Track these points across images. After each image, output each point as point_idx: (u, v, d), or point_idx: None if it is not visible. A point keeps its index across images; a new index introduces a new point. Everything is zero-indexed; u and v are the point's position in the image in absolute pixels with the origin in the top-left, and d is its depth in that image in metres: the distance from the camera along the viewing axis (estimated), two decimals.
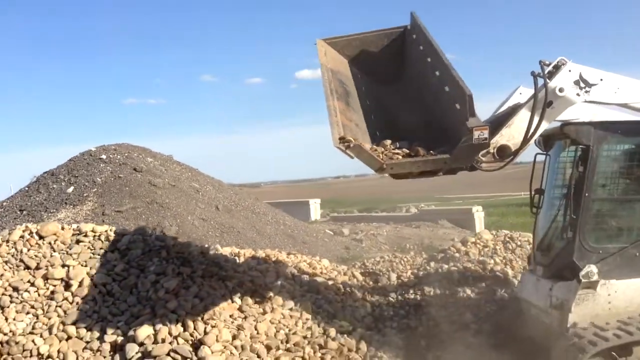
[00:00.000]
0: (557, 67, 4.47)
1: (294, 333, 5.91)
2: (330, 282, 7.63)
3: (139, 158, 13.37)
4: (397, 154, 4.04)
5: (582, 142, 4.77)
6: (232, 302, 6.15)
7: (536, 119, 4.30)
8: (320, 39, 5.49)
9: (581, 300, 4.67)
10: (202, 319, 5.55)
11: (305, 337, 5.89)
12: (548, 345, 4.90)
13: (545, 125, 4.42)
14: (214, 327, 5.43)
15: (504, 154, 4.35)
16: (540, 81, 4.34)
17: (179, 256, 6.72)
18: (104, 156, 13.00)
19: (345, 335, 6.07)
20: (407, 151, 4.07)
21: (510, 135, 4.37)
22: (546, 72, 4.40)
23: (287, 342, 5.73)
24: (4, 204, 12.50)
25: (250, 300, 6.24)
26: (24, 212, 11.53)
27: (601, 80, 4.50)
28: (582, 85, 4.44)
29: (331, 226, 19.39)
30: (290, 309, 6.37)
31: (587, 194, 4.76)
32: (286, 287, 6.99)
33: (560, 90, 4.37)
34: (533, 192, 5.64)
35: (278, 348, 5.58)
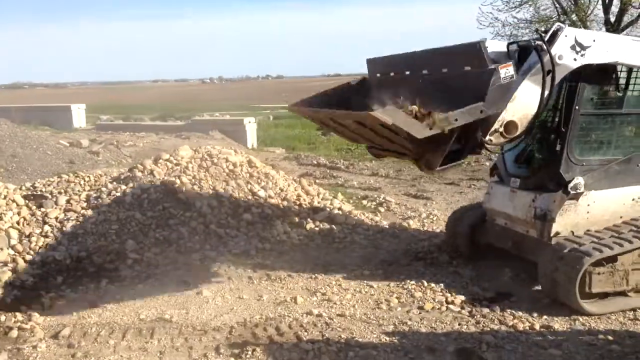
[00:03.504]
0: (554, 34, 4.34)
1: None
2: None
3: None
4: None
5: None
6: None
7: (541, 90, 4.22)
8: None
9: (564, 211, 4.87)
10: None
11: None
12: (521, 253, 5.24)
13: (546, 94, 4.28)
14: None
15: (510, 130, 4.18)
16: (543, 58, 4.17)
17: None
18: None
19: None
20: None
21: (515, 110, 4.17)
22: (545, 40, 4.28)
23: None
24: None
25: None
26: None
27: (594, 41, 4.51)
28: (577, 49, 4.44)
29: (89, 136, 17.14)
30: None
31: (577, 107, 4.81)
32: None
33: (560, 57, 4.32)
34: None
35: None
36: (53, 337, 4.27)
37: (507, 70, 3.93)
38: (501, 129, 4.13)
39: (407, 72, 4.81)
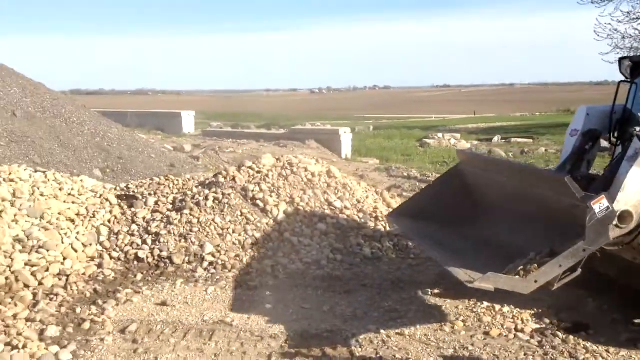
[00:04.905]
0: None
1: None
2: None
3: None
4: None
5: None
6: None
7: None
8: None
9: None
10: None
11: None
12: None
13: None
14: None
15: (626, 219, 4.03)
16: None
17: None
18: None
19: None
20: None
21: (627, 199, 4.02)
22: None
23: None
24: None
25: None
26: None
27: None
28: None
29: (194, 141, 18.12)
30: None
31: None
32: None
33: None
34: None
35: None
36: (120, 332, 4.51)
37: (600, 205, 3.78)
38: (615, 222, 3.93)
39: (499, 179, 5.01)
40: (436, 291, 5.45)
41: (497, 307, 4.99)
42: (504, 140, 21.58)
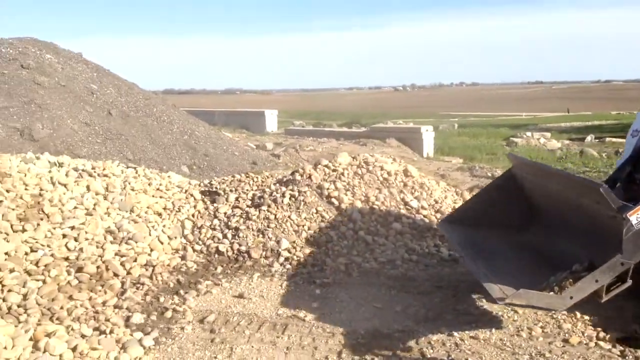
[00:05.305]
0: None
1: None
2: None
3: (35, 54, 12.32)
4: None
5: None
6: None
7: None
8: None
9: None
10: None
11: None
12: None
13: None
14: None
15: None
16: None
17: None
18: None
19: None
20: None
21: None
22: None
23: None
24: None
25: None
26: None
27: None
28: None
29: (276, 139, 18.54)
30: None
31: None
32: None
33: None
34: None
35: None
36: (200, 321, 4.72)
37: (638, 216, 3.66)
38: None
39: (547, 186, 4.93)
40: None
41: (579, 314, 4.75)
42: (597, 140, 20.41)
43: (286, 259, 6.19)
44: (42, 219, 5.65)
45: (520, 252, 5.01)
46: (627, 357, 4.02)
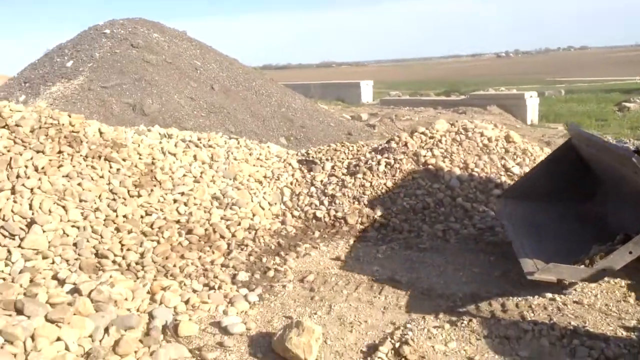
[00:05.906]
0: None
1: None
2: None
3: (143, 33, 13.08)
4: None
5: None
6: None
7: None
8: None
9: None
10: None
11: None
12: None
13: None
14: None
15: None
16: None
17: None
18: (107, 31, 12.87)
19: None
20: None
21: None
22: None
23: None
24: (16, 75, 13.00)
25: None
26: (26, 85, 11.91)
27: None
28: None
29: (371, 110, 18.49)
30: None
31: None
32: None
33: None
34: None
35: None
36: (300, 281, 4.93)
37: None
38: None
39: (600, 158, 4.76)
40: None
41: None
42: None
43: (382, 224, 6.27)
44: (155, 186, 6.10)
45: (574, 224, 4.90)
46: None
